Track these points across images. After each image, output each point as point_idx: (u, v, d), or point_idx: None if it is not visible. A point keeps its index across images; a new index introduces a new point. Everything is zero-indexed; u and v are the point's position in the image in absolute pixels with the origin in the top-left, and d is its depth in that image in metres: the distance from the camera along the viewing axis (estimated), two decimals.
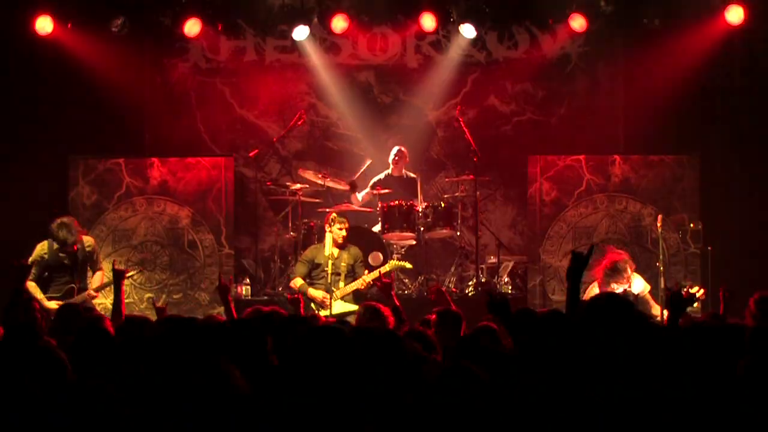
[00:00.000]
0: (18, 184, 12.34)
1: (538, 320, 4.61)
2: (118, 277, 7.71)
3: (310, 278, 10.55)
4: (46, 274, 9.94)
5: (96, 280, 10.03)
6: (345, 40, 13.01)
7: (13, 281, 7.56)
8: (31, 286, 9.87)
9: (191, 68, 13.00)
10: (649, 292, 9.82)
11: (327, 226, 10.51)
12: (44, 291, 9.84)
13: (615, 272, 9.61)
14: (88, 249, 10.10)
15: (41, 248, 10.00)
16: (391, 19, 12.81)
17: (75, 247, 9.92)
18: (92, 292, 9.83)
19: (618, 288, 9.62)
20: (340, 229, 10.45)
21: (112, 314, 7.30)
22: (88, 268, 10.14)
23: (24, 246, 10.79)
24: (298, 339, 3.55)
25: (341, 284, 10.38)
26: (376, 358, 3.81)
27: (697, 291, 7.99)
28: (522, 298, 11.21)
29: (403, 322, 6.87)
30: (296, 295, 8.03)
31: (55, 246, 9.90)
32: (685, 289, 7.46)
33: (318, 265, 10.50)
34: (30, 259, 9.68)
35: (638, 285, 9.97)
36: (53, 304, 9.31)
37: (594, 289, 9.98)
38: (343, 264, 10.45)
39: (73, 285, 9.92)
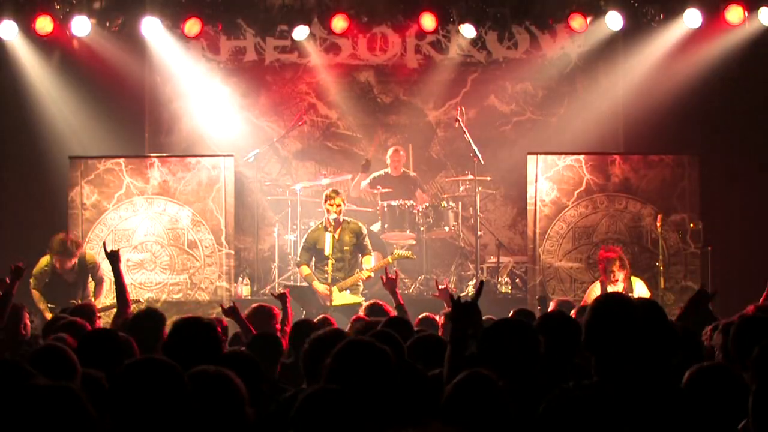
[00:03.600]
0: (18, 184, 12.34)
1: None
2: (113, 260, 7.11)
3: (314, 264, 10.54)
4: (48, 287, 9.99)
5: (99, 294, 10.11)
6: (345, 40, 13.01)
7: (5, 284, 7.12)
8: (36, 296, 9.92)
9: (191, 68, 12.97)
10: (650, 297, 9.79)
11: (324, 203, 10.44)
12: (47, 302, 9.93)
13: (604, 272, 9.86)
14: (89, 264, 10.15)
15: (44, 261, 10.05)
16: (391, 19, 12.80)
17: (71, 265, 9.97)
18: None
19: (610, 289, 9.66)
20: (339, 205, 10.40)
21: (118, 303, 7.10)
22: (90, 281, 10.19)
23: (24, 245, 10.80)
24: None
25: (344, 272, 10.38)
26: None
27: None
28: (522, 299, 11.21)
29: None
30: (284, 290, 7.70)
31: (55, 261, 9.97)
32: None
33: (319, 252, 10.41)
34: (33, 271, 9.78)
35: (639, 289, 9.97)
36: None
37: (596, 289, 9.98)
38: (346, 248, 10.42)
39: (74, 300, 9.91)
